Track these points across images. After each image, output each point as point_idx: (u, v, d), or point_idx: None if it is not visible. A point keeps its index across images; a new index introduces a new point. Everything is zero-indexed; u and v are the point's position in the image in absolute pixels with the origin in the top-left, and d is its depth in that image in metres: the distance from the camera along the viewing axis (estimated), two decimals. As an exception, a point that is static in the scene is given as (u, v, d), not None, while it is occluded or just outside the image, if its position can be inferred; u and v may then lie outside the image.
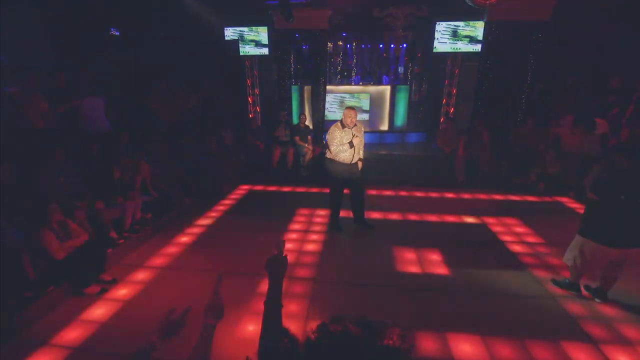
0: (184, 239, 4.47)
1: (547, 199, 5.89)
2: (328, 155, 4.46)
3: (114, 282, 3.43)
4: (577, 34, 7.08)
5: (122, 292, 3.34)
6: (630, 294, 3.23)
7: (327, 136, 4.41)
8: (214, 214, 5.27)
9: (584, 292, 3.25)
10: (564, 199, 5.85)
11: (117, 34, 7.15)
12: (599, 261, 3.08)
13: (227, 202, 5.82)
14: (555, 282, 3.42)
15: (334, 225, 4.67)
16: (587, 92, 6.88)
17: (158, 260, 3.94)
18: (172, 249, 4.19)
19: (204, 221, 5.02)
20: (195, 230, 4.74)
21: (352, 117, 4.22)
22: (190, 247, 4.25)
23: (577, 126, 6.02)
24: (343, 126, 4.28)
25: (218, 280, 1.31)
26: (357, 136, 4.30)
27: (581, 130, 5.94)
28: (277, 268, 1.32)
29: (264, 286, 1.32)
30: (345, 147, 4.26)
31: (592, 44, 7.08)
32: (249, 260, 3.78)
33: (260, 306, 1.28)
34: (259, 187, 6.53)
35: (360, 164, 4.48)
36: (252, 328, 2.79)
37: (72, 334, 2.79)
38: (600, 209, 3.05)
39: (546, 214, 5.30)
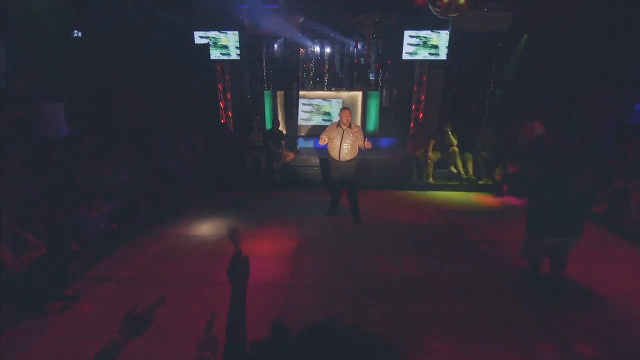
0: (153, 248, 4.30)
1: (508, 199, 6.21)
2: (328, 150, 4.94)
3: (76, 298, 3.23)
4: (532, 43, 7.59)
5: (86, 308, 3.15)
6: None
7: None
8: (183, 221, 5.11)
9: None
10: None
11: (79, 35, 6.81)
12: (547, 251, 3.39)
13: (197, 208, 5.66)
14: (522, 271, 3.70)
15: (329, 211, 5.30)
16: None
17: (125, 273, 3.76)
18: (139, 260, 4.01)
19: (174, 229, 4.85)
20: (164, 239, 4.57)
21: (346, 117, 4.68)
22: (160, 257, 4.08)
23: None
24: (337, 125, 4.76)
25: (210, 317, 1.23)
26: (347, 137, 4.69)
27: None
28: (239, 274, 1.24)
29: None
30: (335, 143, 4.74)
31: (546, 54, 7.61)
32: (219, 268, 3.67)
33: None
34: (231, 193, 6.41)
35: (367, 144, 4.72)
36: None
37: (30, 357, 2.60)
38: (537, 205, 3.34)
39: (507, 214, 5.60)
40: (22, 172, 3.87)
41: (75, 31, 6.75)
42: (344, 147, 4.73)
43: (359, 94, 8.46)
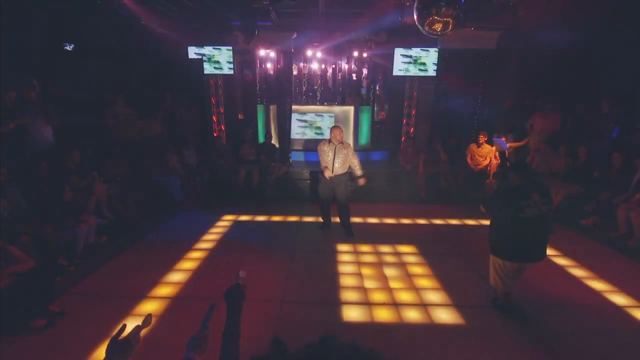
0: (143, 263, 4.21)
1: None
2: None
3: (62, 314, 3.13)
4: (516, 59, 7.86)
5: (72, 324, 3.05)
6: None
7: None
8: (174, 236, 5.04)
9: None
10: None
11: (71, 48, 6.82)
12: (513, 276, 3.11)
13: (188, 222, 5.59)
14: (493, 304, 3.38)
15: (323, 225, 5.32)
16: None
17: (113, 288, 3.67)
18: (129, 275, 3.93)
19: (164, 244, 4.78)
20: (155, 253, 4.49)
21: (335, 134, 4.81)
22: (150, 272, 4.00)
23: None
24: (329, 142, 4.86)
25: (210, 309, 1.22)
26: (340, 154, 4.81)
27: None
28: (236, 298, 1.27)
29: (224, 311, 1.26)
30: (327, 159, 4.85)
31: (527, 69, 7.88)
32: (211, 283, 3.64)
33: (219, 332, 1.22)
34: (223, 207, 6.37)
35: (362, 181, 5.14)
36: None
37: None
38: (494, 225, 3.12)
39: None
40: (10, 185, 3.80)
41: (67, 44, 6.76)
42: (337, 163, 4.83)
43: (351, 109, 8.59)
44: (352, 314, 3.28)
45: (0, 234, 3.08)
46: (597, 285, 3.82)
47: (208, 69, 8.05)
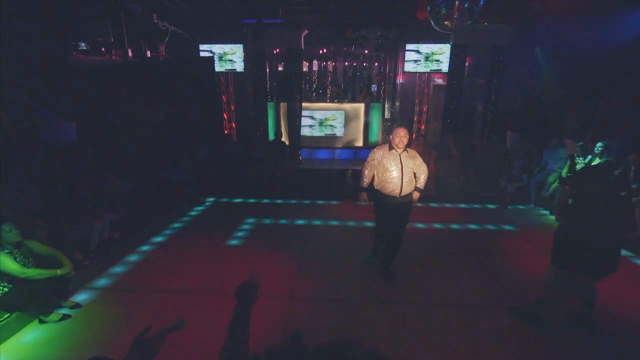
0: (156, 258, 4.29)
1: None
2: (374, 184, 3.69)
3: (77, 308, 3.21)
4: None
5: (87, 318, 3.13)
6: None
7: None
8: (186, 231, 5.11)
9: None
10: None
11: (86, 48, 6.94)
12: (577, 290, 2.94)
13: (200, 218, 5.66)
14: (516, 313, 3.20)
15: (373, 254, 4.23)
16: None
17: (127, 282, 3.74)
18: (142, 270, 4.00)
19: (177, 239, 4.85)
20: (167, 248, 4.56)
21: (401, 137, 3.50)
22: (163, 267, 4.07)
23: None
24: (390, 148, 3.57)
25: (218, 328, 1.24)
26: (408, 165, 3.53)
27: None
28: (247, 297, 1.27)
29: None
30: (391, 174, 3.50)
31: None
32: (221, 279, 3.68)
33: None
34: (233, 204, 6.42)
35: (415, 195, 3.72)
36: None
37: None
38: (574, 237, 2.80)
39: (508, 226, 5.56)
40: (27, 182, 3.90)
41: (80, 43, 6.88)
42: (406, 178, 3.51)
43: (361, 106, 8.54)
44: (360, 311, 3.28)
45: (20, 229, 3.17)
46: (608, 285, 3.72)
47: (219, 66, 8.11)
